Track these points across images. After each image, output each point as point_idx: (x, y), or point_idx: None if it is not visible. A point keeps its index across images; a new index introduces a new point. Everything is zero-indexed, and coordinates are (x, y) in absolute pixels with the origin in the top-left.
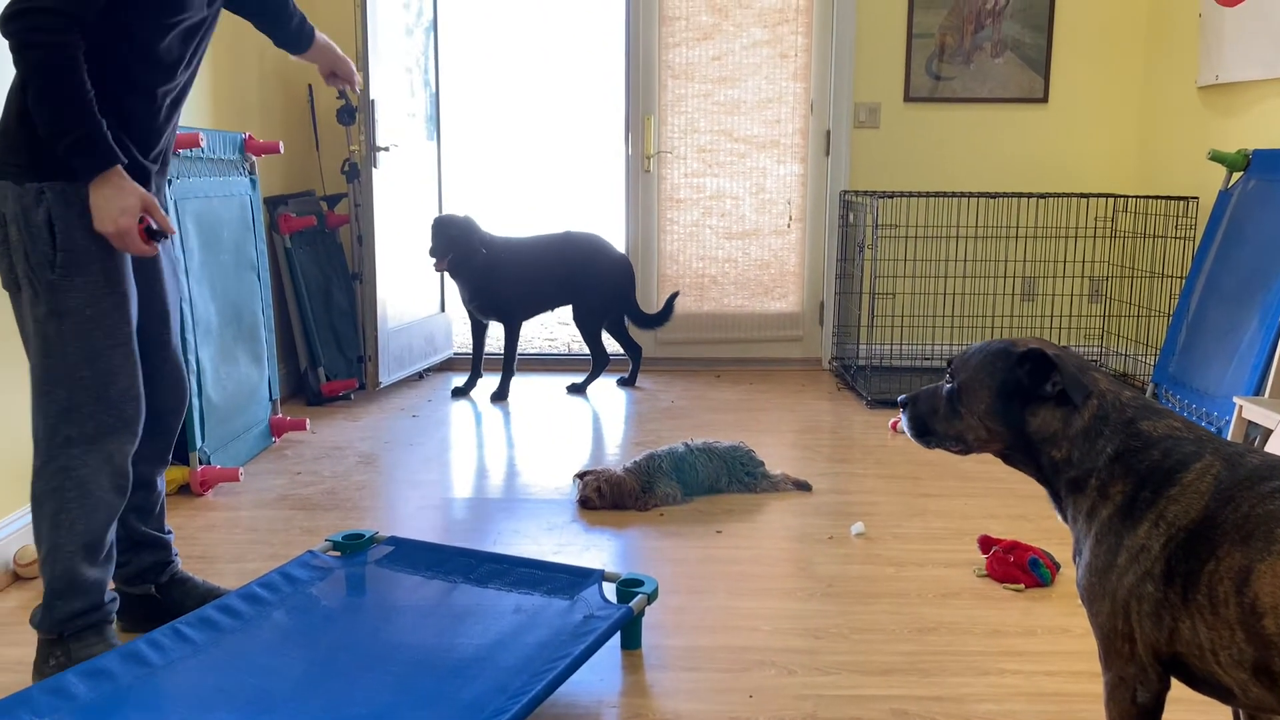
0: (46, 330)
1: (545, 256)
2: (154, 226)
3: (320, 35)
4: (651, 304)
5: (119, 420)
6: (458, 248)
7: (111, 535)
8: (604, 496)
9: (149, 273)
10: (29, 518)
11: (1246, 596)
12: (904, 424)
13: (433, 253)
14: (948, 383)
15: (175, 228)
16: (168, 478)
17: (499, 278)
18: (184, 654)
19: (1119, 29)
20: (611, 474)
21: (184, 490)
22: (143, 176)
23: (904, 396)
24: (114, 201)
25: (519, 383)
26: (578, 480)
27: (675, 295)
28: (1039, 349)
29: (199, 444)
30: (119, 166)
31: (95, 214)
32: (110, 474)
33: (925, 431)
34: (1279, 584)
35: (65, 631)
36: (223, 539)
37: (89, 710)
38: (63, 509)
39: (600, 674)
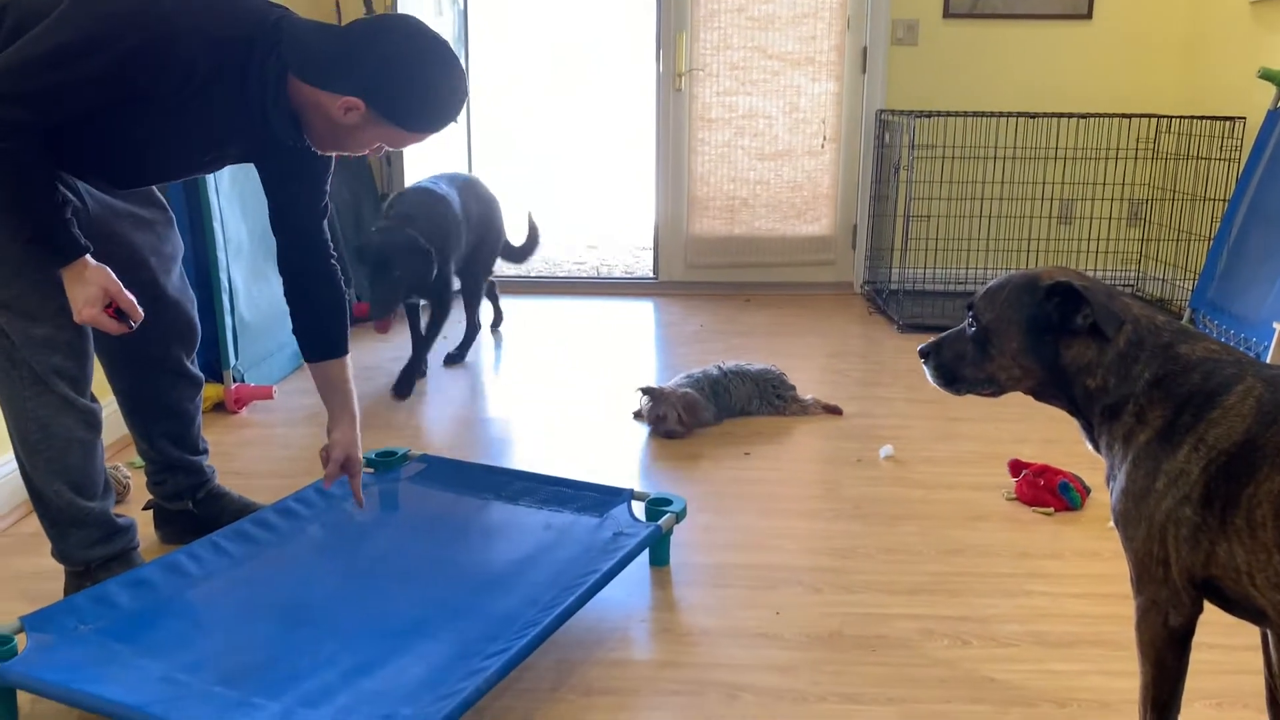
0: None
1: (467, 212)
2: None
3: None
4: (686, 227)
5: (49, 367)
6: (411, 279)
7: (96, 467)
8: (686, 425)
9: (107, 225)
10: None
11: None
12: (929, 375)
13: (373, 314)
14: (970, 325)
15: (140, 312)
16: (203, 395)
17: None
18: (222, 566)
19: None
20: (686, 397)
21: (219, 408)
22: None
23: (924, 346)
24: (76, 292)
25: (549, 306)
26: (644, 398)
27: (533, 218)
28: (1066, 281)
29: (232, 362)
30: (85, 257)
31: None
32: (73, 414)
33: (953, 379)
34: None
35: (90, 562)
36: (258, 455)
37: (131, 618)
38: (34, 451)
39: (629, 589)
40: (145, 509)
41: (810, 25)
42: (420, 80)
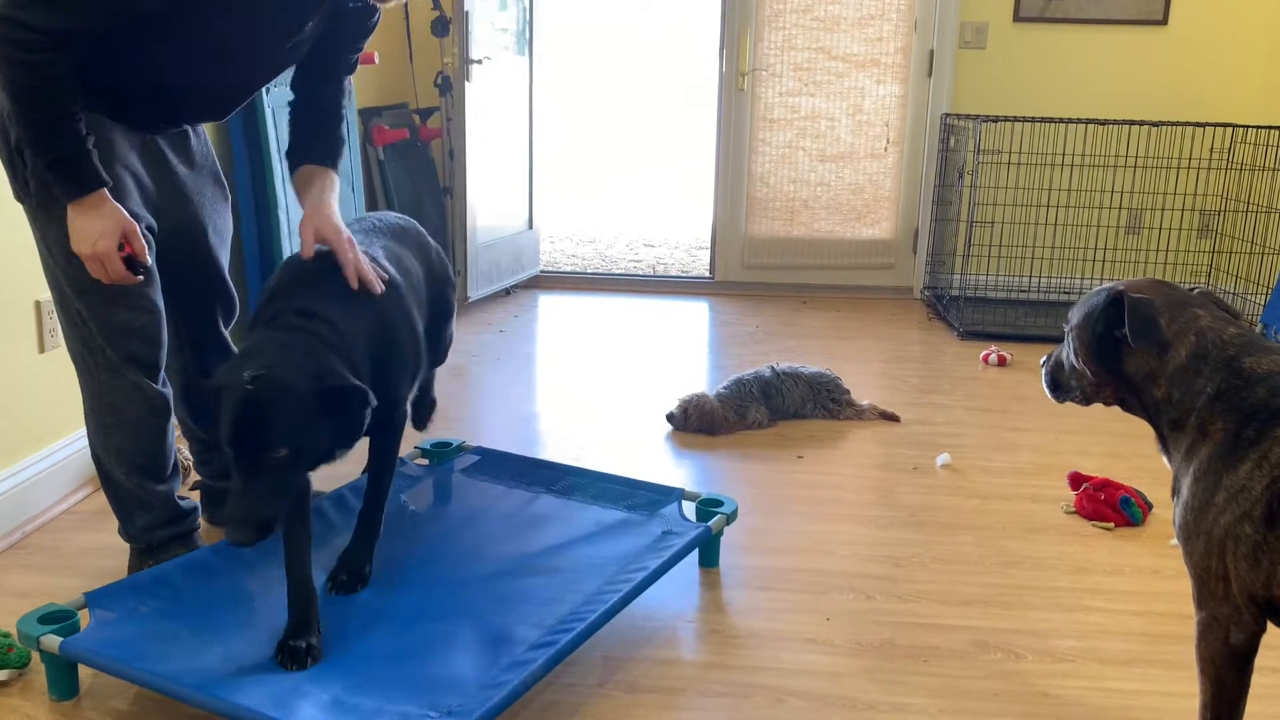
0: (43, 256)
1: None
2: (134, 255)
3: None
4: (744, 228)
5: (126, 353)
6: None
7: (165, 450)
8: (689, 419)
9: (177, 193)
10: None
11: None
12: (1043, 380)
13: (235, 533)
14: (1067, 331)
15: (149, 260)
16: None
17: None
18: (277, 552)
19: None
20: (704, 401)
21: None
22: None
23: (1046, 355)
24: (92, 225)
25: (604, 303)
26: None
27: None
28: (1120, 291)
29: None
30: (103, 190)
31: (72, 235)
32: (142, 399)
33: (1055, 385)
34: None
35: (154, 542)
36: None
37: (190, 599)
38: (104, 432)
39: (678, 589)
40: (192, 489)
41: (876, 27)
42: None
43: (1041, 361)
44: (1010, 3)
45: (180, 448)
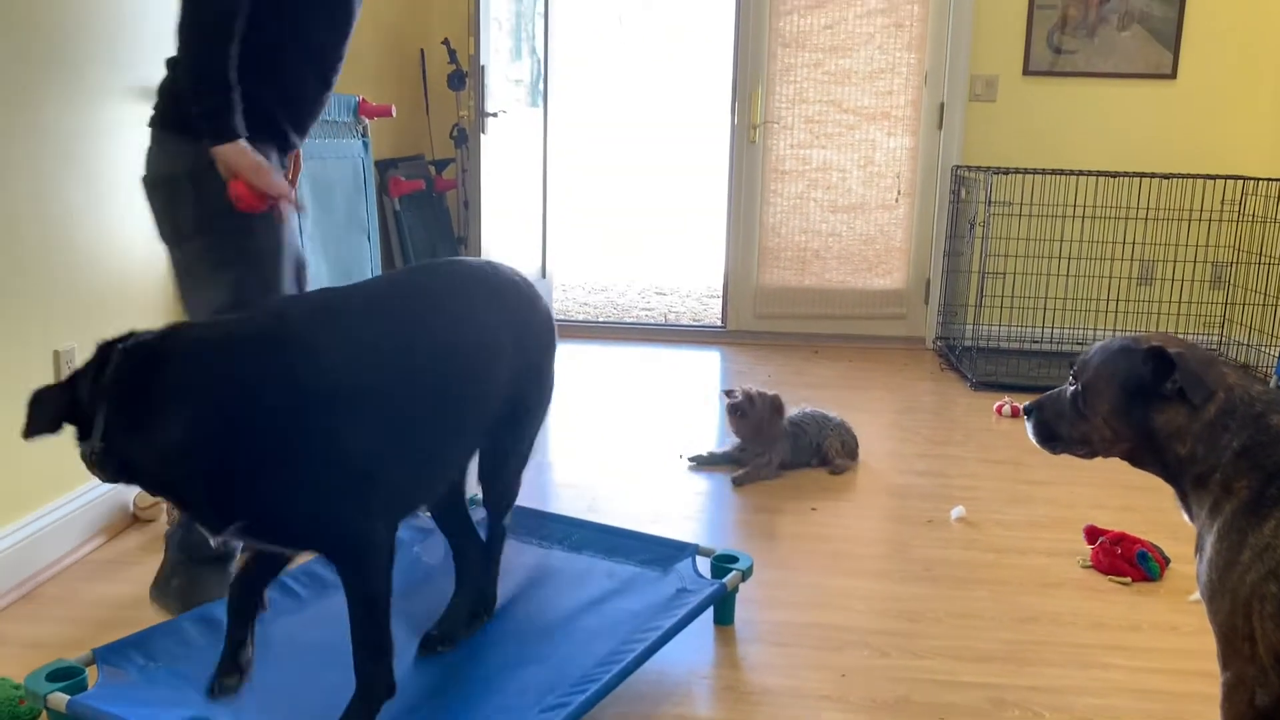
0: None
1: None
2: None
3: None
4: (756, 277)
5: None
6: None
7: None
8: (755, 407)
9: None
10: None
11: None
12: (1030, 431)
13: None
14: (1071, 385)
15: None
16: None
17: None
18: (291, 607)
19: (1258, 2)
20: (765, 395)
21: None
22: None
23: (1029, 404)
24: (245, 156)
25: (615, 351)
26: (725, 396)
27: None
28: (1159, 346)
29: None
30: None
31: (235, 168)
32: None
33: (1051, 437)
34: None
35: (194, 556)
36: None
37: (202, 656)
38: None
39: (692, 646)
40: None
41: (887, 81)
42: None
43: (1024, 409)
44: (1020, 57)
45: None
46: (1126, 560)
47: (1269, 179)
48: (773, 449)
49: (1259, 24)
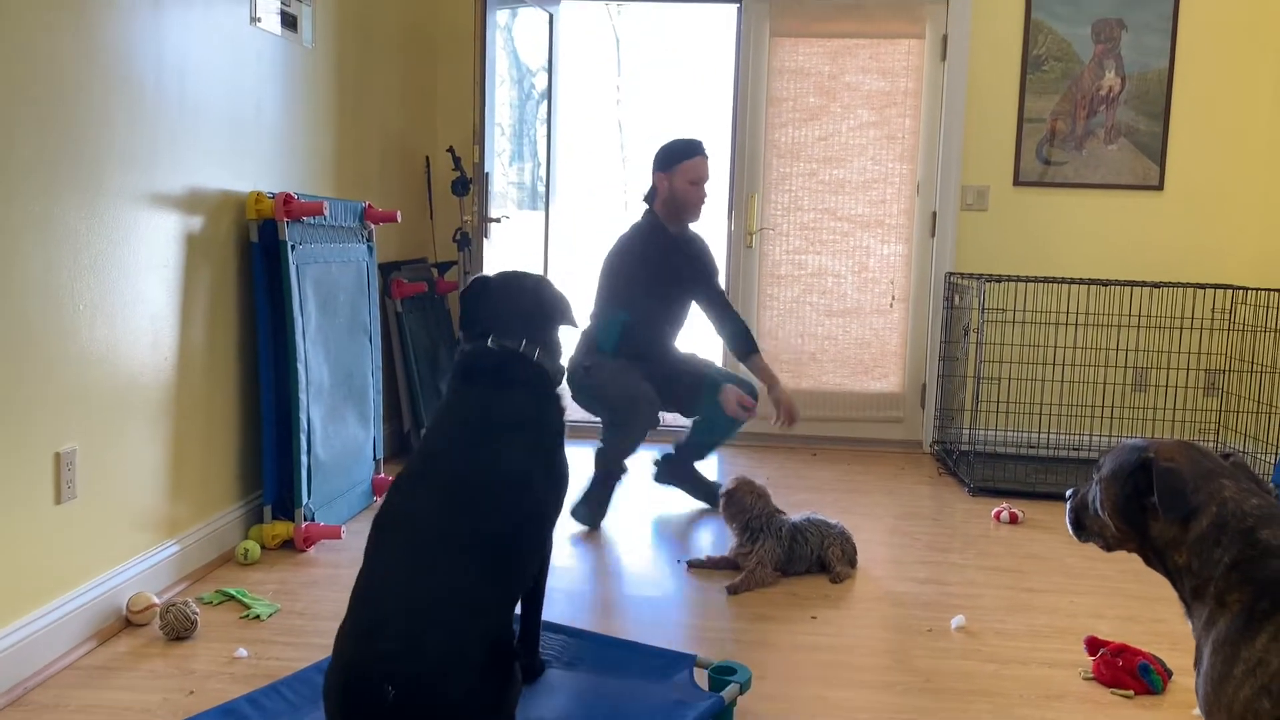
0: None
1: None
2: None
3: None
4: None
5: None
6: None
7: None
8: (739, 493)
9: None
10: (142, 565)
11: None
12: (1067, 516)
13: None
14: (1094, 478)
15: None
16: (273, 533)
17: None
18: (281, 711)
19: (1241, 117)
20: (754, 484)
21: (287, 545)
22: None
23: (1070, 490)
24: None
25: (581, 453)
26: (726, 496)
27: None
28: (1149, 457)
29: (304, 500)
30: None
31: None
32: None
33: (1079, 525)
34: None
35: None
36: (323, 595)
37: None
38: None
39: None
40: None
41: (880, 190)
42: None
43: (1067, 495)
44: (1010, 168)
45: (188, 601)
46: (1128, 672)
47: (1257, 288)
48: (763, 542)
49: (1242, 138)
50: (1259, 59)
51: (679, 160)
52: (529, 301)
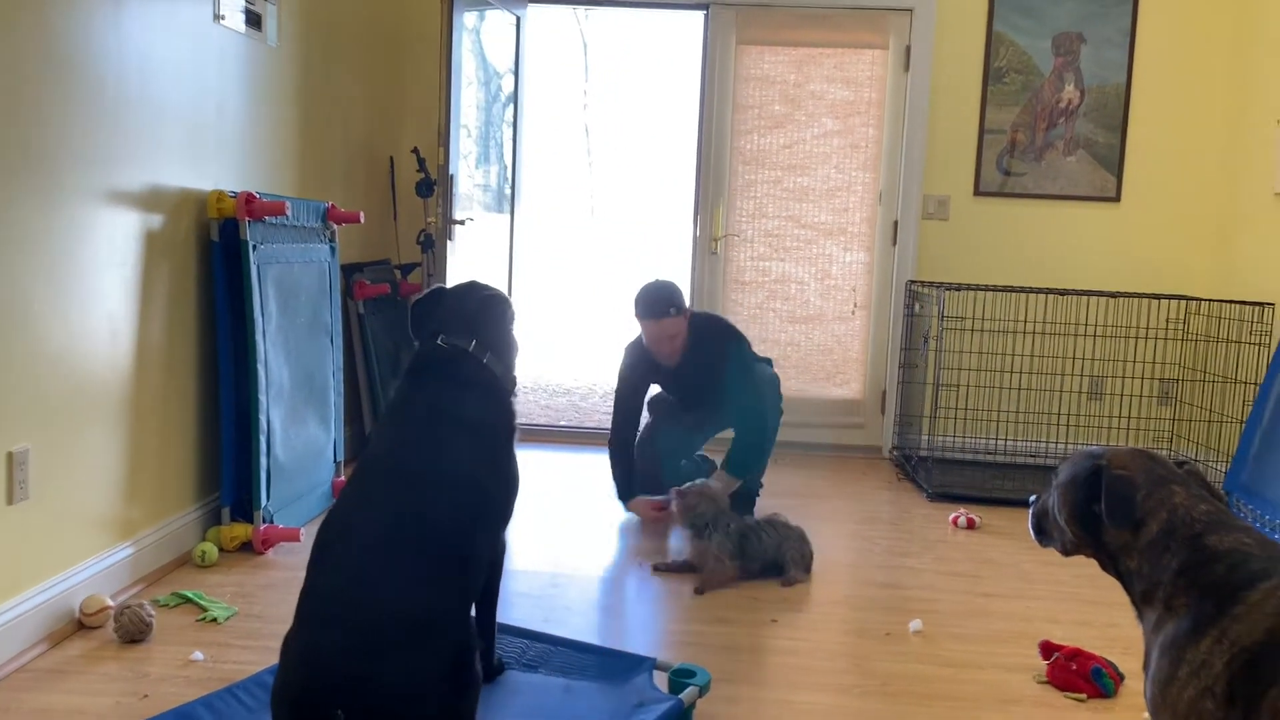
0: None
1: None
2: None
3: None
4: None
5: None
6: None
7: None
8: (688, 498)
9: None
10: (96, 567)
11: None
12: (1029, 521)
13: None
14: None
15: None
16: (231, 535)
17: None
18: (236, 713)
19: (1195, 132)
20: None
21: (246, 548)
22: None
23: (1033, 496)
24: None
25: (578, 458)
26: (678, 496)
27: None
28: (1101, 465)
29: (263, 503)
30: None
31: None
32: None
33: (1039, 530)
34: None
35: None
36: (280, 599)
37: None
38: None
39: None
40: None
41: (843, 198)
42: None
43: (1029, 501)
44: (971, 178)
45: (143, 603)
46: (1081, 676)
47: (1210, 299)
48: (709, 536)
49: (1197, 152)
50: (1213, 75)
51: (639, 317)
52: (479, 306)
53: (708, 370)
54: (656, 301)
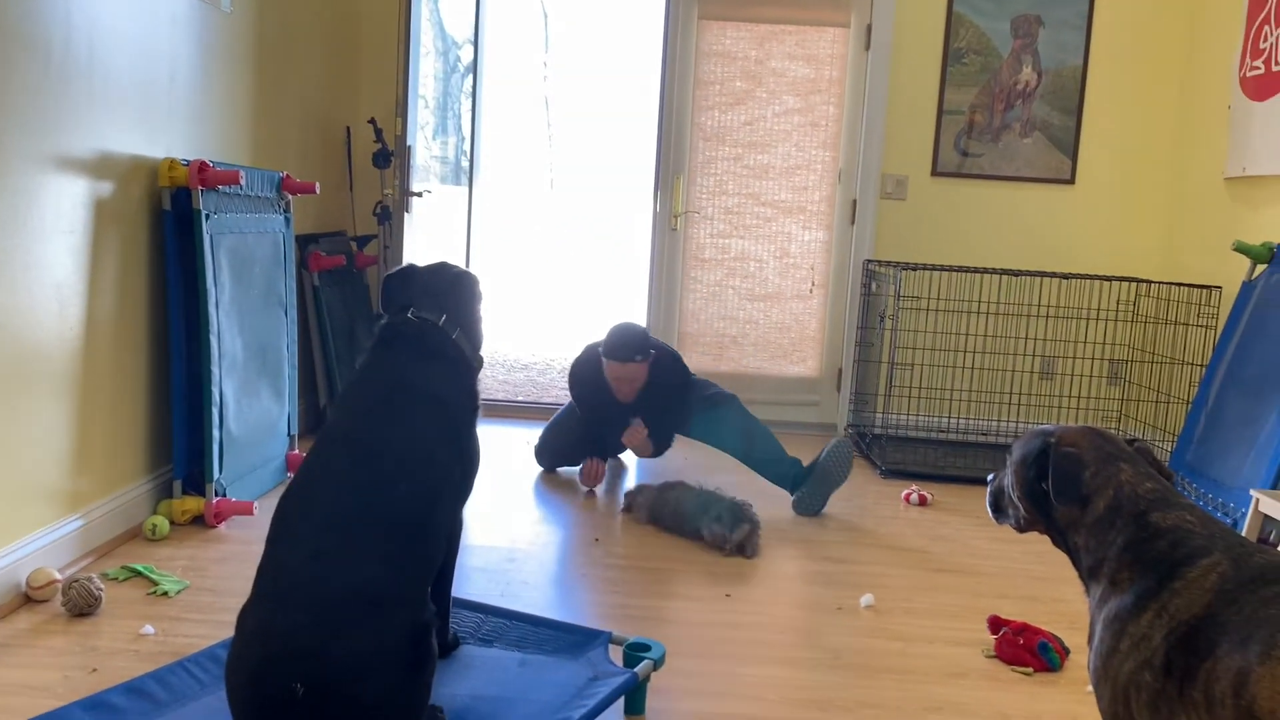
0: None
1: None
2: None
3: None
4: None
5: None
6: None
7: None
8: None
9: None
10: (43, 539)
11: (1244, 699)
12: (987, 498)
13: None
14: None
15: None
16: (183, 508)
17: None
18: (192, 691)
19: (1148, 116)
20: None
21: (198, 521)
22: None
23: (991, 474)
24: None
25: (534, 433)
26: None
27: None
28: (1050, 443)
29: (216, 476)
30: None
31: None
32: None
33: (996, 507)
34: (1277, 689)
35: None
36: (234, 572)
37: None
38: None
39: None
40: None
41: (803, 177)
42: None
43: (988, 479)
44: (929, 158)
45: (92, 577)
46: (1028, 650)
47: (1160, 281)
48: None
49: (1150, 137)
50: (1167, 60)
51: (608, 357)
52: (450, 283)
53: (658, 413)
54: (625, 346)
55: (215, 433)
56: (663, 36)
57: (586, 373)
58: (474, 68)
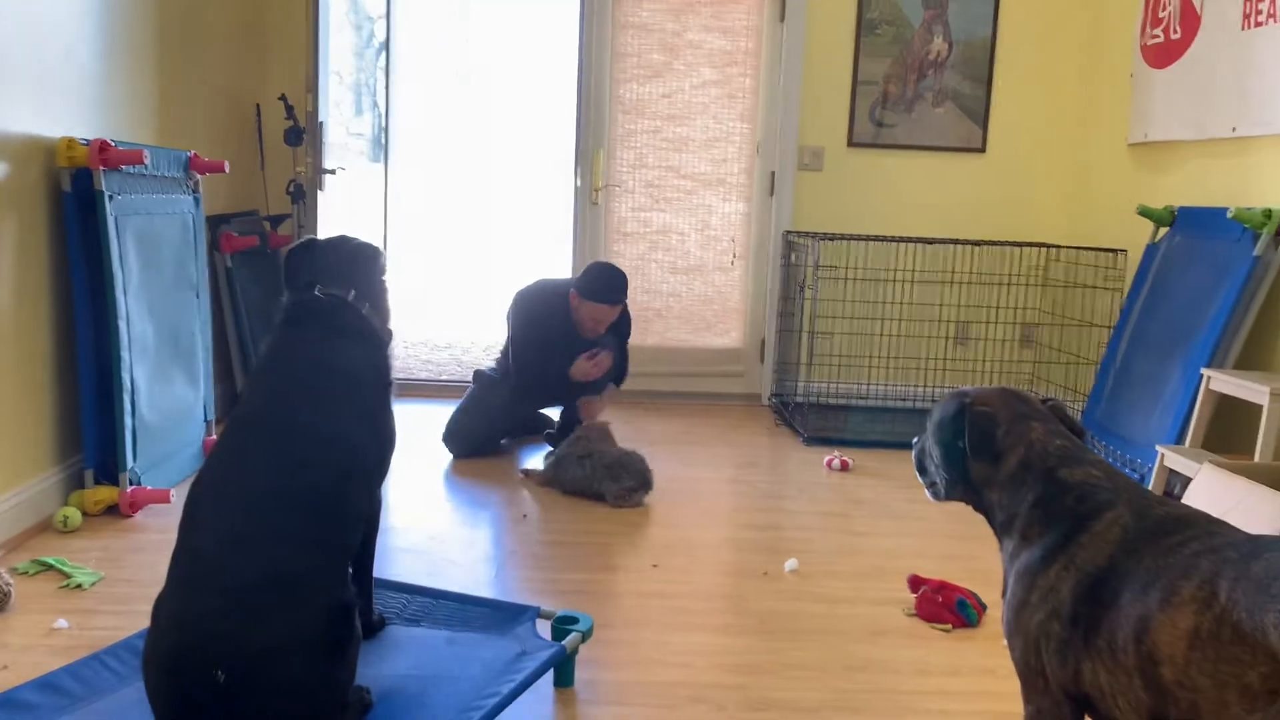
0: None
1: None
2: None
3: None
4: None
5: None
6: None
7: None
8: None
9: None
10: None
11: (1145, 645)
12: (912, 459)
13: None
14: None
15: None
16: (95, 498)
17: None
18: (108, 685)
19: (1055, 85)
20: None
21: (112, 511)
22: None
23: (915, 438)
24: None
25: (430, 411)
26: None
27: None
28: (965, 404)
29: (129, 464)
30: None
31: None
32: None
33: (921, 470)
34: (1176, 635)
35: None
36: (150, 562)
37: None
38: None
39: (532, 710)
40: None
41: (722, 149)
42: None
43: (912, 443)
44: (844, 129)
45: (0, 571)
46: (947, 608)
47: (1067, 246)
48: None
49: (1056, 105)
50: (1072, 30)
51: (594, 298)
52: (351, 256)
53: (621, 340)
54: (615, 289)
55: (128, 420)
56: (580, 8)
57: (539, 312)
58: (387, 43)
